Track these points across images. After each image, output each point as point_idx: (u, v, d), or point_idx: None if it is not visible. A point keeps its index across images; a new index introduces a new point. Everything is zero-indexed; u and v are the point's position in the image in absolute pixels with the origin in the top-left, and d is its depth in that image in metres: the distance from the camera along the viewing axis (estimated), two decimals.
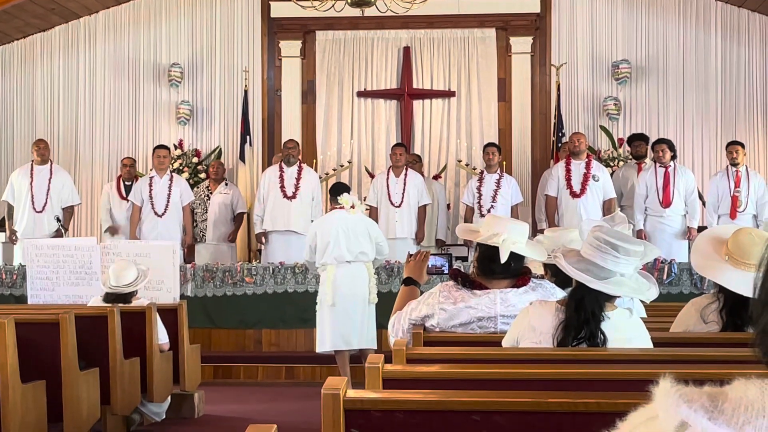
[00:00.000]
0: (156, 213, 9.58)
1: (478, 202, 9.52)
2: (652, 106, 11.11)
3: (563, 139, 10.57)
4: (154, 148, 10.10)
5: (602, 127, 11.07)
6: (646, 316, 4.09)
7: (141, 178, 10.08)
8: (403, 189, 9.60)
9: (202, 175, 10.85)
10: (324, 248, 7.17)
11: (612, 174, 9.92)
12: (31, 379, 4.69)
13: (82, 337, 5.10)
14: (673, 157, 9.32)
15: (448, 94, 11.28)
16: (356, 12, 9.17)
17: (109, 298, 6.04)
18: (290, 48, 11.41)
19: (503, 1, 11.13)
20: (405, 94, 11.21)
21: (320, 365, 7.90)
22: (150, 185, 9.69)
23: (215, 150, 11.36)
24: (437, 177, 11.02)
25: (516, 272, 3.50)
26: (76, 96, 11.62)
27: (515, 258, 3.46)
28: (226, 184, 10.34)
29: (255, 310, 8.52)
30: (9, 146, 11.70)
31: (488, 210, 9.25)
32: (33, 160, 9.95)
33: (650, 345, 3.00)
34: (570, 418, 1.91)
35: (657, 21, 11.14)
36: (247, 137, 11.13)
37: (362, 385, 2.30)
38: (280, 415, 6.47)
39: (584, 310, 2.84)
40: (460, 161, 11.17)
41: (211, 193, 10.22)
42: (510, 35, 11.21)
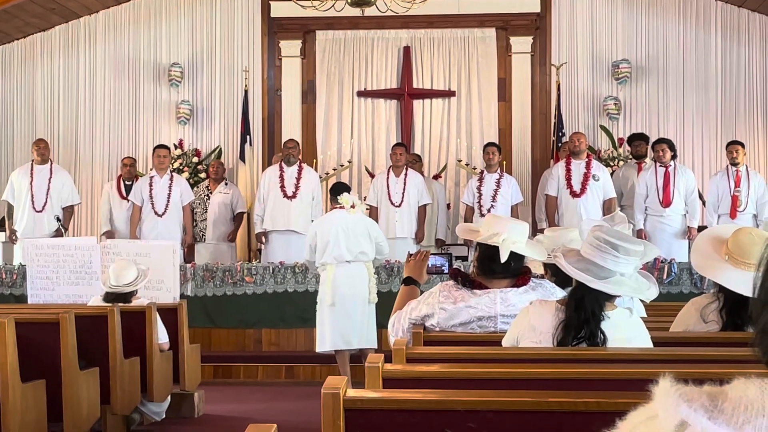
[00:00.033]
0: (156, 213, 9.58)
1: (478, 201, 9.52)
2: (652, 105, 11.11)
3: (563, 138, 10.57)
4: (154, 148, 10.10)
5: (602, 127, 11.07)
6: (646, 315, 4.09)
7: (141, 178, 10.08)
8: (403, 189, 9.60)
9: (202, 175, 10.84)
10: (324, 248, 7.17)
11: (612, 174, 9.92)
12: (31, 378, 4.69)
13: (82, 337, 5.10)
14: (674, 157, 9.32)
15: (448, 93, 11.28)
16: (356, 12, 9.17)
17: (109, 297, 6.04)
18: (290, 48, 11.41)
19: (503, 0, 11.13)
20: (405, 94, 11.21)
21: (320, 365, 7.90)
22: (150, 185, 9.69)
23: (215, 150, 11.36)
24: (437, 177, 11.02)
25: (516, 272, 3.50)
26: (76, 96, 11.62)
27: (515, 258, 3.46)
28: (226, 183, 10.35)
29: (255, 309, 8.52)
30: (9, 146, 11.70)
31: (488, 210, 9.25)
32: (33, 160, 9.95)
33: (650, 344, 3.00)
34: (570, 417, 1.91)
35: (657, 21, 11.14)
36: (247, 137, 11.13)
37: (362, 385, 2.30)
38: (280, 415, 6.47)
39: (584, 309, 2.84)
40: (460, 161, 11.17)
41: (211, 192, 10.22)
42: (510, 35, 11.21)
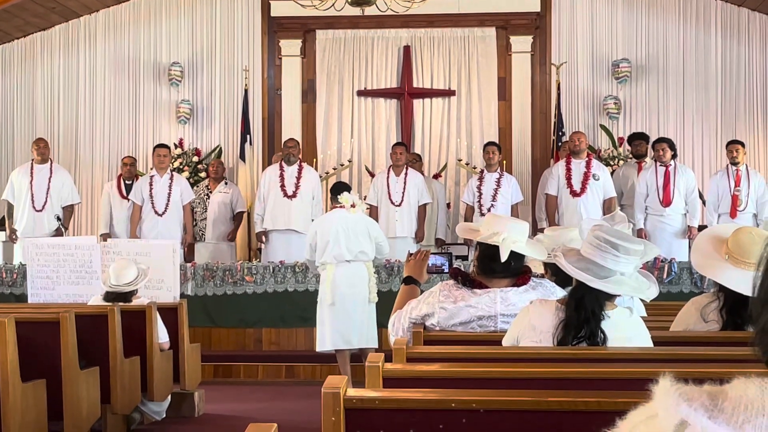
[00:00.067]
0: (156, 212, 9.58)
1: (479, 201, 9.52)
2: (652, 105, 11.11)
3: (563, 138, 10.57)
4: (154, 147, 10.10)
5: (602, 126, 11.07)
6: (646, 315, 4.09)
7: (141, 177, 10.08)
8: (404, 188, 9.60)
9: (203, 174, 10.84)
10: (324, 247, 7.18)
11: (612, 173, 9.92)
12: (31, 377, 4.69)
13: (83, 336, 5.11)
14: (674, 156, 9.32)
15: (449, 93, 11.28)
16: (356, 11, 9.17)
17: (110, 297, 6.04)
18: (290, 47, 11.41)
19: (503, 0, 11.13)
20: (405, 93, 11.21)
21: (320, 364, 7.90)
22: (150, 184, 9.69)
23: (215, 149, 11.36)
24: (437, 176, 11.02)
25: (516, 271, 3.50)
26: (76, 95, 11.62)
27: (515, 257, 3.46)
28: (226, 183, 10.35)
29: (255, 309, 8.52)
30: (9, 145, 11.70)
31: (488, 209, 9.25)
32: (33, 159, 9.95)
33: (650, 344, 3.00)
34: (570, 416, 1.91)
35: (657, 20, 11.13)
36: (248, 136, 11.13)
37: (362, 384, 2.30)
38: (281, 414, 6.47)
39: (584, 309, 2.84)
40: (460, 160, 11.18)
41: (211, 192, 10.22)
42: (510, 34, 11.21)
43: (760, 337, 0.91)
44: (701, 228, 8.87)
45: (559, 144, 10.59)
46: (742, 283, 3.04)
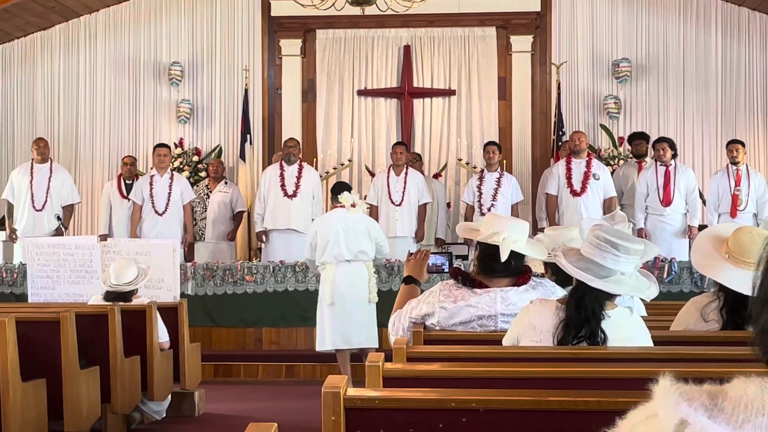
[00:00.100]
0: (156, 211, 9.58)
1: (479, 200, 9.52)
2: (652, 104, 11.11)
3: (563, 137, 10.57)
4: (154, 147, 10.10)
5: (602, 126, 11.07)
6: (646, 314, 4.09)
7: (141, 177, 10.08)
8: (404, 188, 9.60)
9: (203, 174, 10.84)
10: (324, 247, 7.18)
11: (612, 173, 9.92)
12: (31, 377, 4.69)
13: (83, 336, 5.11)
14: (674, 156, 9.31)
15: (449, 92, 11.28)
16: (356, 10, 9.17)
17: (110, 296, 6.04)
18: (290, 46, 11.41)
19: None
20: (405, 93, 11.21)
21: (320, 364, 7.90)
22: (150, 184, 9.69)
23: (215, 148, 11.36)
24: (437, 176, 11.02)
25: (516, 271, 3.50)
26: (76, 94, 11.62)
27: (515, 256, 3.46)
28: (226, 182, 10.35)
29: (255, 308, 8.52)
30: (9, 145, 11.70)
31: (488, 208, 9.25)
32: (33, 159, 9.95)
33: (650, 343, 3.00)
34: (570, 416, 1.91)
35: (657, 19, 11.13)
36: (248, 136, 11.13)
37: (363, 384, 2.30)
38: (281, 414, 6.46)
39: (584, 308, 2.84)
40: (460, 160, 11.17)
41: (211, 191, 10.23)
42: (510, 34, 11.21)
43: (760, 337, 0.91)
44: (701, 228, 8.87)
45: (560, 143, 10.59)
46: (743, 282, 3.04)
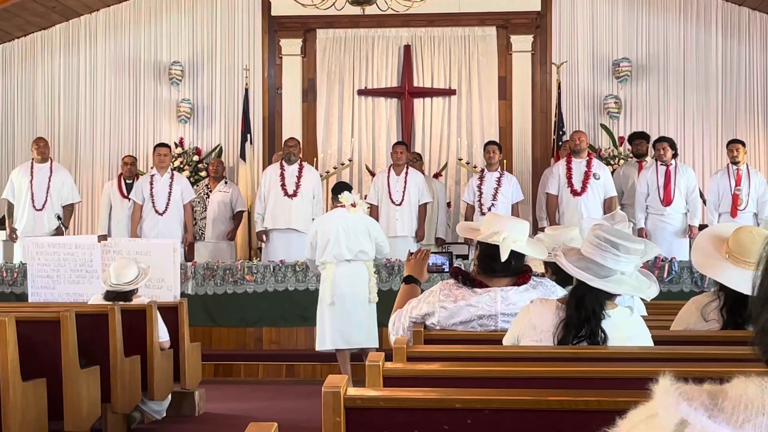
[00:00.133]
0: (157, 211, 9.58)
1: (479, 200, 9.52)
2: (652, 104, 11.11)
3: (564, 137, 10.57)
4: (154, 146, 10.10)
5: (603, 126, 11.07)
6: (646, 314, 4.08)
7: (142, 177, 10.08)
8: (404, 187, 9.60)
9: (203, 174, 10.85)
10: (324, 246, 7.18)
11: (613, 172, 9.92)
12: (31, 377, 4.69)
13: (83, 335, 5.11)
14: (674, 156, 9.31)
15: (449, 92, 11.28)
16: (357, 10, 9.16)
17: (110, 296, 6.04)
18: (291, 46, 11.41)
19: None
20: (405, 93, 11.21)
21: (321, 363, 7.90)
22: (151, 183, 9.69)
23: (216, 148, 11.36)
24: (438, 175, 11.02)
25: (516, 270, 3.50)
26: (76, 94, 11.62)
27: (516, 256, 3.46)
28: (226, 182, 10.35)
29: (255, 308, 8.52)
30: (10, 144, 11.70)
31: (489, 208, 9.25)
32: (33, 158, 9.95)
33: (651, 343, 3.00)
34: (570, 416, 1.91)
35: (658, 19, 11.13)
36: (248, 135, 11.13)
37: (363, 383, 2.30)
38: (281, 413, 6.47)
39: (585, 308, 2.84)
40: (460, 159, 11.18)
41: (211, 191, 10.23)
42: (510, 33, 11.20)
43: (760, 337, 0.91)
44: (702, 227, 8.86)
45: (560, 143, 10.59)
46: (743, 282, 3.03)
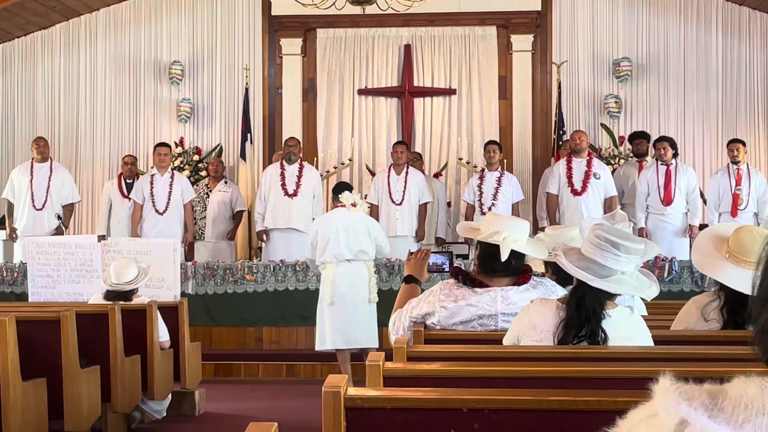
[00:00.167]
0: (157, 211, 9.58)
1: (479, 199, 9.52)
2: (652, 103, 11.11)
3: (564, 137, 10.57)
4: (155, 146, 10.09)
5: (603, 125, 11.07)
6: (646, 314, 4.08)
7: (142, 176, 10.08)
8: (404, 187, 9.60)
9: (203, 173, 10.85)
10: (324, 246, 7.18)
11: (613, 172, 9.92)
12: (31, 376, 4.69)
13: (83, 335, 5.11)
14: (675, 155, 9.31)
15: (449, 91, 11.28)
16: (357, 10, 9.17)
17: (110, 295, 6.04)
18: (291, 46, 11.41)
19: None
20: (406, 92, 11.21)
21: (321, 363, 7.90)
22: (151, 183, 9.68)
23: (216, 148, 11.36)
24: (438, 175, 11.02)
25: (517, 270, 3.50)
26: (77, 94, 11.62)
27: (516, 256, 3.46)
28: (226, 182, 10.35)
29: (256, 307, 8.52)
30: (10, 144, 11.70)
31: (489, 208, 9.25)
32: (33, 158, 9.95)
33: (651, 343, 3.00)
34: (570, 415, 1.91)
35: (658, 19, 11.13)
36: (248, 135, 11.13)
37: (363, 383, 2.30)
38: (281, 413, 6.47)
39: (585, 308, 2.84)
40: (460, 159, 11.18)
41: (211, 190, 10.23)
42: (511, 33, 11.20)
43: (760, 337, 0.91)
44: (702, 227, 8.86)
45: (560, 143, 10.59)
46: (743, 282, 3.03)
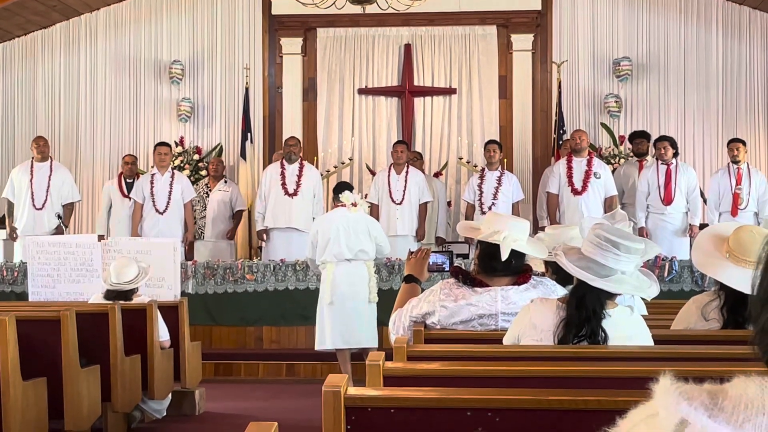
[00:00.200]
0: (157, 210, 9.57)
1: (479, 199, 9.52)
2: (653, 103, 11.11)
3: (564, 136, 10.57)
4: (155, 146, 10.10)
5: (603, 125, 11.07)
6: (647, 313, 4.08)
7: (142, 176, 10.08)
8: (404, 186, 9.60)
9: (203, 173, 10.85)
10: (324, 245, 7.19)
11: (613, 171, 9.92)
12: (32, 376, 4.69)
13: (83, 335, 5.11)
14: (675, 155, 9.31)
15: (449, 91, 11.28)
16: (357, 9, 9.17)
17: (110, 295, 6.04)
18: (291, 45, 11.41)
19: None
20: (406, 92, 11.20)
21: (321, 362, 7.90)
22: (151, 182, 9.68)
23: (216, 147, 11.36)
24: (438, 174, 11.02)
25: (517, 270, 3.50)
26: (77, 93, 11.62)
27: (516, 255, 3.46)
28: (225, 181, 10.35)
29: (256, 307, 8.52)
30: (10, 143, 11.70)
31: (489, 207, 9.25)
32: (33, 157, 9.95)
33: (651, 342, 2.99)
34: (570, 415, 1.91)
35: (658, 18, 11.13)
36: (248, 134, 11.13)
37: (363, 383, 2.30)
38: (281, 413, 6.47)
39: (585, 307, 2.84)
40: (461, 158, 11.17)
41: (210, 190, 10.22)
42: (511, 32, 11.20)
43: (760, 336, 0.91)
44: (702, 226, 8.85)
45: (560, 142, 10.59)
46: (743, 281, 3.03)
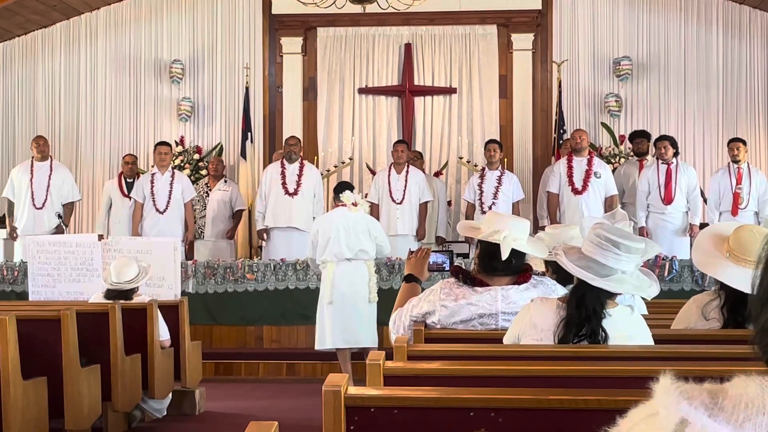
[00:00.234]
0: (158, 210, 9.57)
1: (480, 199, 9.52)
2: (653, 102, 11.11)
3: (564, 136, 10.57)
4: (155, 145, 10.10)
5: (603, 124, 11.07)
6: (647, 313, 4.08)
7: (143, 175, 10.08)
8: (405, 186, 9.60)
9: (204, 172, 10.85)
10: (324, 245, 7.19)
11: (613, 171, 9.92)
12: (32, 375, 4.69)
13: (84, 334, 5.11)
14: (675, 154, 9.30)
15: (450, 90, 11.27)
16: (357, 8, 9.17)
17: (111, 294, 6.04)
18: (291, 45, 11.41)
19: None
20: (406, 91, 11.20)
21: (321, 362, 7.90)
22: (152, 182, 9.68)
23: (216, 146, 11.37)
24: (438, 174, 11.02)
25: (517, 269, 3.50)
26: (77, 92, 11.62)
27: (516, 255, 3.46)
28: (225, 181, 10.35)
29: (256, 306, 8.52)
30: (10, 143, 11.70)
31: (489, 207, 9.25)
32: (33, 157, 9.95)
33: (651, 342, 3.00)
34: (571, 415, 1.91)
35: (658, 17, 11.13)
36: (249, 134, 11.13)
37: (363, 382, 2.30)
38: (281, 412, 6.47)
39: (585, 307, 2.84)
40: (461, 158, 11.17)
41: (210, 189, 10.22)
42: (511, 32, 11.20)
43: (760, 336, 0.91)
44: (702, 226, 8.86)
45: (560, 142, 10.59)
46: (743, 281, 3.03)
